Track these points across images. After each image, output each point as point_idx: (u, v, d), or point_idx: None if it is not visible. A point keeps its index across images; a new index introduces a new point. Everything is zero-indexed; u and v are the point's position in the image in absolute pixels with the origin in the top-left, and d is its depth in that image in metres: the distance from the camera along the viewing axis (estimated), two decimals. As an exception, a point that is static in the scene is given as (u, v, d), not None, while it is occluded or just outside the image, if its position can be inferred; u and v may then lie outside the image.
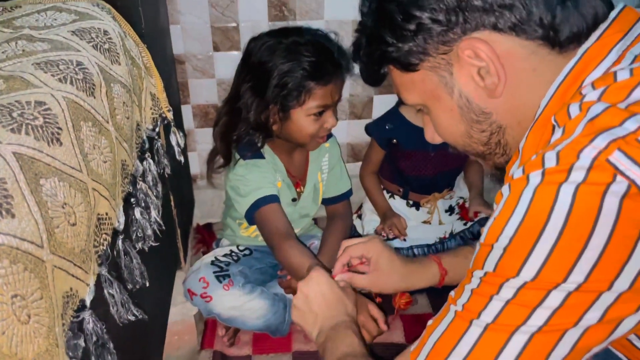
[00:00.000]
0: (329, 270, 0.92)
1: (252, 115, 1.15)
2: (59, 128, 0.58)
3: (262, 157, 1.24)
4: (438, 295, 1.35)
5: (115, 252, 0.73)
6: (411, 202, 1.51)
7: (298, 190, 1.33)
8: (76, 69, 0.68)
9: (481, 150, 0.63)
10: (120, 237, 0.74)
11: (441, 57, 0.57)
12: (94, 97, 0.69)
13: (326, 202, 1.40)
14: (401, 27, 0.56)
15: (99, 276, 0.65)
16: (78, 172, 0.59)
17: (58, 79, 0.64)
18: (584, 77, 0.52)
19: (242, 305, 1.19)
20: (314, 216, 1.45)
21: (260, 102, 1.13)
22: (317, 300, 0.83)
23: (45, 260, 0.50)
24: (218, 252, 1.31)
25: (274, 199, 1.20)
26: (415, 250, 1.42)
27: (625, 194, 0.43)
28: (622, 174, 0.43)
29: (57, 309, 0.52)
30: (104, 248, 0.66)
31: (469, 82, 0.57)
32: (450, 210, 1.52)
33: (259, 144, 1.22)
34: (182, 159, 1.05)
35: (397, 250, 1.41)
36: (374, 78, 0.65)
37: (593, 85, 0.50)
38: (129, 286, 0.77)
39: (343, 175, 1.40)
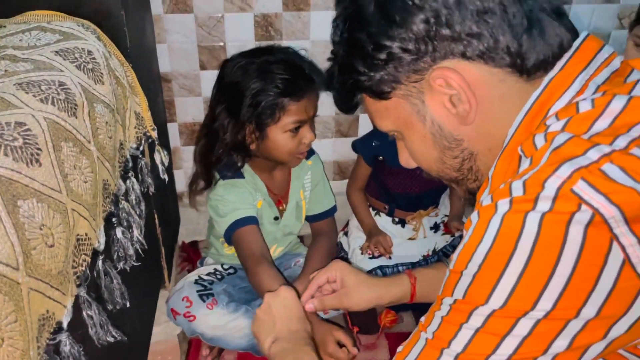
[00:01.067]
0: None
1: (229, 136, 1.16)
2: (39, 149, 0.58)
3: (241, 176, 1.25)
4: (424, 313, 1.35)
5: (95, 273, 0.72)
6: (397, 220, 1.52)
7: (280, 208, 1.33)
8: (58, 89, 0.68)
9: (454, 176, 0.64)
10: (101, 257, 0.73)
11: (412, 85, 0.57)
12: (76, 117, 0.69)
13: (310, 219, 1.40)
14: (372, 56, 0.56)
15: (77, 297, 0.64)
16: (57, 192, 0.59)
17: (39, 99, 0.64)
18: (549, 107, 0.53)
19: (226, 324, 1.18)
20: (299, 234, 1.45)
21: (235, 123, 1.14)
22: (278, 311, 0.82)
23: (21, 283, 0.50)
24: (202, 271, 1.31)
25: (251, 220, 1.20)
26: (400, 268, 1.43)
27: (590, 222, 0.43)
28: (587, 203, 0.44)
29: (33, 331, 0.51)
30: (83, 269, 0.66)
31: (441, 109, 0.58)
32: (436, 227, 1.53)
33: (239, 164, 1.22)
34: (166, 177, 1.05)
35: (382, 268, 1.42)
36: (348, 106, 0.65)
37: (557, 116, 0.51)
38: (109, 307, 0.76)
39: (327, 192, 1.40)
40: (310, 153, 1.36)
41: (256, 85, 1.10)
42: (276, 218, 1.33)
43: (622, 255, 0.43)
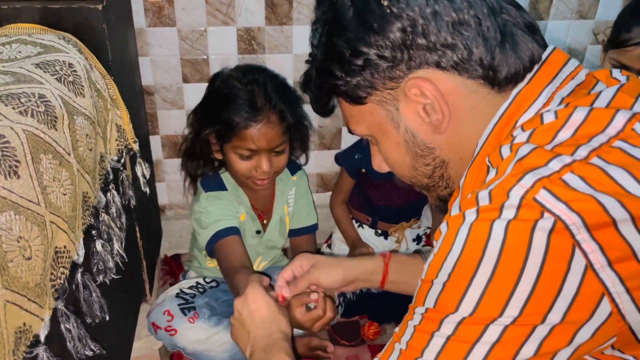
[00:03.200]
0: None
1: (202, 145, 1.20)
2: (17, 161, 0.58)
3: (224, 189, 1.25)
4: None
5: (74, 286, 0.72)
6: (380, 232, 1.53)
7: (263, 222, 1.34)
8: (38, 102, 0.68)
9: (426, 183, 0.65)
10: (80, 270, 0.73)
11: (388, 92, 0.59)
12: (56, 130, 0.69)
13: (289, 233, 1.40)
14: (349, 62, 0.57)
15: (55, 310, 0.64)
16: (35, 205, 0.59)
17: (19, 111, 0.64)
18: (517, 119, 0.55)
19: (208, 338, 1.18)
20: (283, 247, 1.45)
21: (204, 132, 1.18)
22: (250, 319, 0.80)
23: (-3, 296, 0.49)
24: (184, 284, 1.30)
25: (233, 231, 1.20)
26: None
27: (552, 229, 0.45)
28: (549, 210, 0.45)
29: (9, 344, 0.51)
30: (62, 282, 0.65)
31: (414, 117, 0.59)
32: (418, 239, 1.54)
33: (211, 172, 1.26)
34: (147, 190, 1.05)
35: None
36: (324, 109, 0.67)
37: (523, 128, 0.53)
38: (88, 320, 0.75)
39: (309, 208, 1.40)
40: (296, 168, 1.36)
41: (220, 99, 1.14)
42: (258, 232, 1.32)
43: (584, 261, 0.45)
